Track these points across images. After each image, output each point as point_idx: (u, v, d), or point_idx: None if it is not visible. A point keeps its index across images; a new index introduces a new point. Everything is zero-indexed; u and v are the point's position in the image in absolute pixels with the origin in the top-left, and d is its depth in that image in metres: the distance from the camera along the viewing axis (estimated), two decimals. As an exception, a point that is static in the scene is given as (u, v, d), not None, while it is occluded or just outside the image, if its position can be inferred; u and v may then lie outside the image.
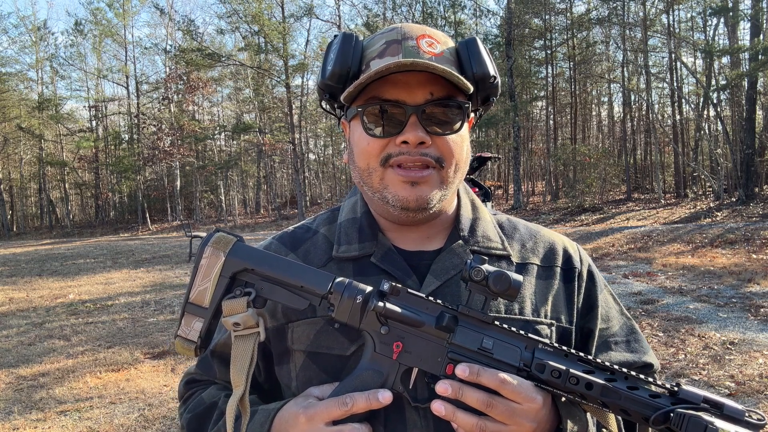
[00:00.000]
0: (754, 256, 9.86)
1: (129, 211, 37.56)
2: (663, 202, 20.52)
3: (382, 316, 0.80)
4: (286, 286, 0.82)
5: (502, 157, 29.86)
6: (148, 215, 32.95)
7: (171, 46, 33.69)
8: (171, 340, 6.62)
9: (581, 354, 0.80)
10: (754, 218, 14.53)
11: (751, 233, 11.83)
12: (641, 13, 23.15)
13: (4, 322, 8.34)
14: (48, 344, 6.89)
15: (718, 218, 15.42)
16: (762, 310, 6.41)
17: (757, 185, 19.25)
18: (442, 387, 0.76)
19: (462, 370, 0.76)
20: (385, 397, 0.79)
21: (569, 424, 0.82)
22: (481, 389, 0.77)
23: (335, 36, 0.94)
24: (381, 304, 0.80)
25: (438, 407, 0.77)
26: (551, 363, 0.78)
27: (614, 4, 23.41)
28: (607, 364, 0.79)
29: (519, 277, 0.79)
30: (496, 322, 0.81)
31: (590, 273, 1.02)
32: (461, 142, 0.92)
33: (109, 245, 22.51)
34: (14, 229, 37.12)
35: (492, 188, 20.01)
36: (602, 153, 23.77)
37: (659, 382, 0.78)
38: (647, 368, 0.99)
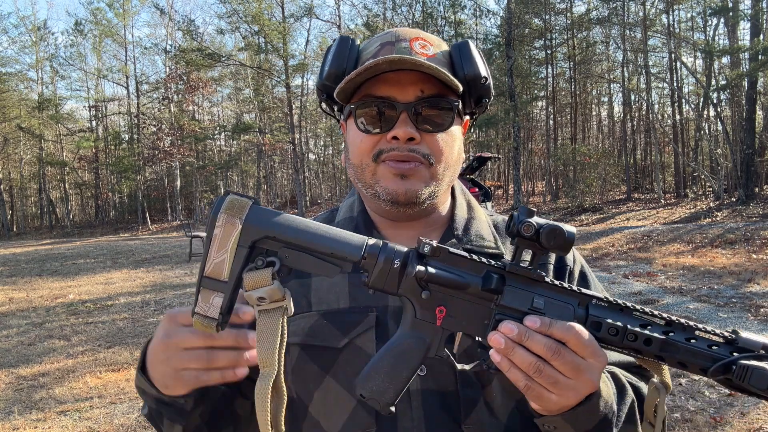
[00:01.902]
0: (754, 256, 9.86)
1: (129, 211, 37.57)
2: (663, 202, 20.52)
3: (423, 280, 0.74)
4: (313, 253, 0.74)
5: (502, 157, 29.86)
6: (148, 215, 32.96)
7: (171, 46, 33.71)
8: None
9: (635, 306, 0.76)
10: (754, 218, 14.54)
11: (751, 233, 11.84)
12: (641, 13, 23.16)
13: (4, 322, 8.34)
14: (48, 344, 6.89)
15: (718, 218, 15.42)
16: (762, 310, 6.41)
17: (757, 185, 19.25)
18: (508, 327, 0.71)
19: (533, 321, 0.71)
20: (252, 338, 0.74)
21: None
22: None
23: (334, 40, 0.98)
24: (422, 268, 0.74)
25: (498, 338, 0.71)
26: (608, 320, 0.74)
27: (614, 4, 23.42)
28: (664, 314, 0.76)
29: (572, 229, 0.74)
30: (547, 279, 0.76)
31: (582, 273, 1.04)
32: (451, 141, 0.94)
33: (109, 245, 22.51)
34: (14, 229, 37.13)
35: (492, 188, 20.02)
36: (602, 153, 23.80)
37: (717, 331, 0.75)
38: (643, 367, 0.99)
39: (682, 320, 0.75)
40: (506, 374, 0.72)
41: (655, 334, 0.73)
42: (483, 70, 0.95)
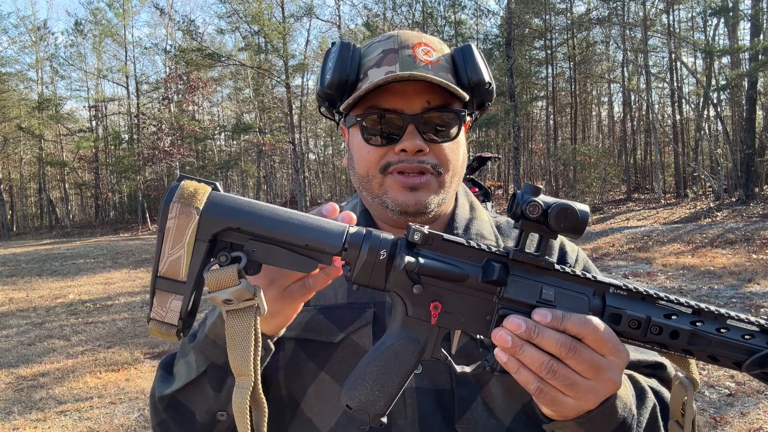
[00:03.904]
0: (754, 256, 9.86)
1: (129, 211, 37.55)
2: (663, 202, 20.52)
3: (414, 273, 0.65)
4: (285, 246, 0.64)
5: (502, 157, 29.85)
6: (148, 215, 32.94)
7: (171, 46, 33.70)
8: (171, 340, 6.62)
9: (659, 293, 0.68)
10: (754, 218, 14.53)
11: (751, 233, 11.83)
12: (641, 13, 23.16)
13: (4, 322, 8.33)
14: (48, 344, 6.88)
15: (718, 218, 15.42)
16: (762, 310, 6.41)
17: (757, 185, 19.26)
18: (515, 322, 0.63)
19: (543, 314, 0.63)
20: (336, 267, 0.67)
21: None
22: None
23: (333, 44, 0.96)
24: (412, 259, 0.64)
25: (503, 336, 0.63)
26: (629, 311, 0.66)
27: (614, 4, 23.41)
28: (692, 301, 0.68)
29: (585, 208, 0.64)
30: (557, 266, 0.67)
31: (586, 271, 1.02)
32: (457, 149, 0.95)
33: (109, 245, 22.50)
34: (14, 229, 37.11)
35: (492, 188, 20.01)
36: (602, 153, 23.79)
37: (752, 318, 0.68)
38: (659, 368, 0.95)
39: (712, 307, 0.67)
40: (514, 376, 0.65)
41: (683, 326, 0.66)
42: (486, 75, 0.94)
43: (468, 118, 1.01)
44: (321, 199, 37.32)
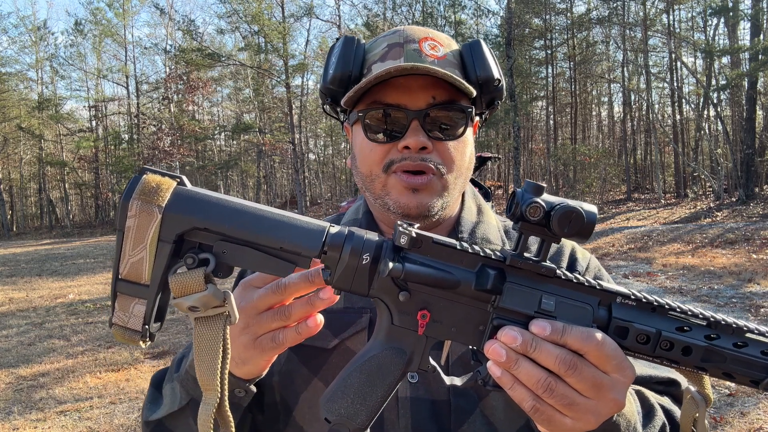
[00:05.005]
0: (754, 256, 9.86)
1: (129, 211, 37.52)
2: (663, 202, 20.53)
3: (400, 279, 0.60)
4: (258, 247, 0.58)
5: (502, 157, 29.86)
6: (148, 215, 32.92)
7: (171, 46, 33.70)
8: (171, 340, 6.62)
9: (670, 303, 0.62)
10: (754, 218, 14.53)
11: (751, 233, 11.83)
12: (641, 13, 23.16)
13: (4, 322, 8.33)
14: (48, 344, 6.89)
15: (718, 218, 15.42)
16: (762, 310, 6.41)
17: (757, 185, 19.27)
18: (510, 335, 0.58)
19: (541, 327, 0.58)
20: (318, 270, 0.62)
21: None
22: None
23: (338, 39, 0.94)
24: (398, 265, 0.59)
25: (497, 349, 0.58)
26: (637, 325, 0.60)
27: (614, 4, 23.43)
28: (707, 312, 0.62)
29: (593, 209, 0.59)
30: (559, 272, 0.61)
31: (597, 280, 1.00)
32: (463, 148, 0.91)
33: (109, 245, 22.49)
34: (14, 229, 37.11)
35: (492, 188, 20.03)
36: (602, 153, 23.80)
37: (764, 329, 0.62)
38: (673, 385, 0.91)
39: (729, 320, 0.62)
40: (508, 392, 0.60)
41: (696, 341, 0.61)
42: (496, 71, 0.90)
43: (477, 117, 0.97)
44: (321, 199, 37.32)
